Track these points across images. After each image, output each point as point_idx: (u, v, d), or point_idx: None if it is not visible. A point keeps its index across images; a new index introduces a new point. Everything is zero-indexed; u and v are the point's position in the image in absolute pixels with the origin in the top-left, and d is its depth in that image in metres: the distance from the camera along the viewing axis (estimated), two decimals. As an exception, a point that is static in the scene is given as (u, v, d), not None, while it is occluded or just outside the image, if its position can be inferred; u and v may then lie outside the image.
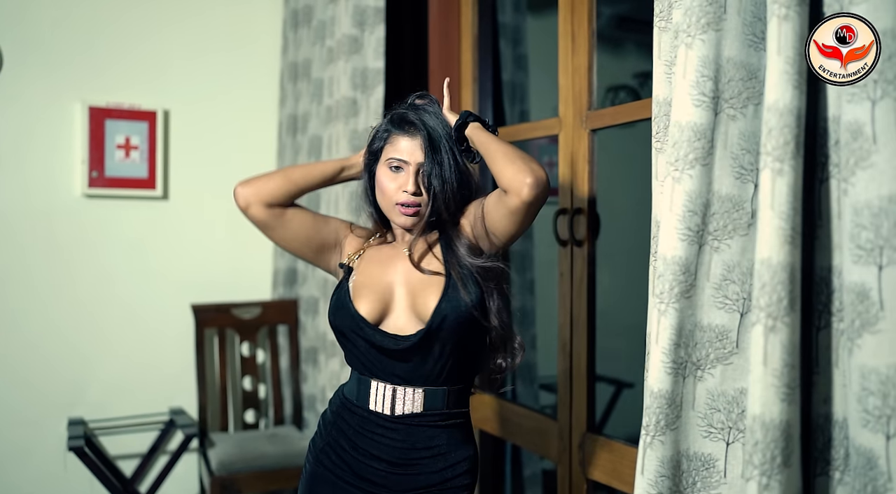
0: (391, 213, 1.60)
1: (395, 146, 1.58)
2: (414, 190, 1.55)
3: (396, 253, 1.64)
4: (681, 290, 1.27)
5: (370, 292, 1.59)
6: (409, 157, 1.56)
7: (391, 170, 1.57)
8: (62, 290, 3.07)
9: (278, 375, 3.33)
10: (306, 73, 3.13)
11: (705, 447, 1.30)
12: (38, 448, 3.03)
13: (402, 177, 1.57)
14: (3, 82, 2.94)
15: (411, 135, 1.57)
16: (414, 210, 1.56)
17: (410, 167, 1.56)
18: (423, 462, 1.54)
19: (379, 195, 1.61)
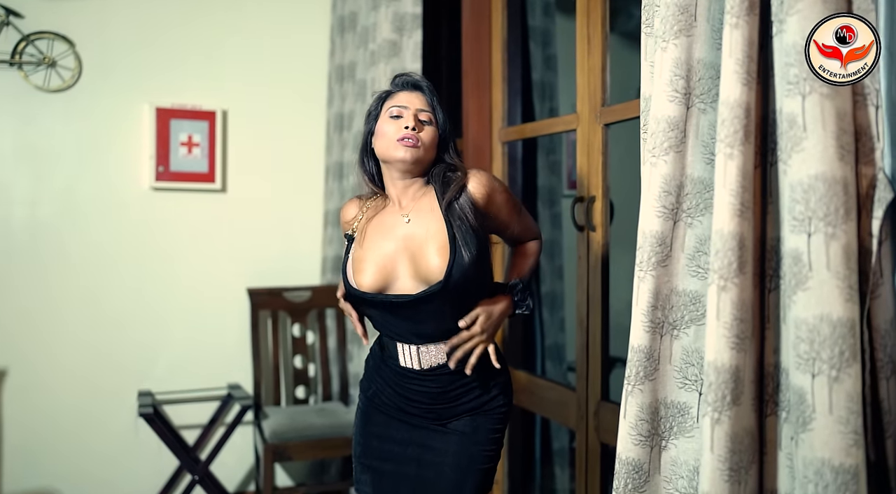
0: (391, 151, 1.70)
1: (395, 98, 1.75)
2: (413, 125, 1.69)
3: (395, 220, 1.74)
4: (657, 260, 1.48)
5: (371, 264, 1.69)
6: (408, 104, 1.72)
7: (391, 118, 1.72)
8: (133, 275, 3.38)
9: (326, 355, 3.59)
10: (351, 74, 3.39)
11: (681, 396, 1.50)
12: (114, 416, 3.35)
13: (402, 120, 1.71)
14: (82, 87, 3.27)
15: (411, 91, 1.76)
16: (413, 143, 1.68)
17: (409, 110, 1.71)
18: (459, 396, 1.76)
19: (379, 144, 1.73)
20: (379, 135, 1.73)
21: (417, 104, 1.73)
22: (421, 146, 1.70)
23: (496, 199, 1.77)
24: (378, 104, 1.79)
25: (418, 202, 1.75)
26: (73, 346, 3.28)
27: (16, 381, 3.19)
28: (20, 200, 3.21)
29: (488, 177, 1.77)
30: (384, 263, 1.70)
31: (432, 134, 1.73)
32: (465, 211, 1.69)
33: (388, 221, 1.75)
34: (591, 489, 2.38)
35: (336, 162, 3.51)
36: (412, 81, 1.78)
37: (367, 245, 1.74)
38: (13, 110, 3.18)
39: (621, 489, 1.50)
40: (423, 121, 1.72)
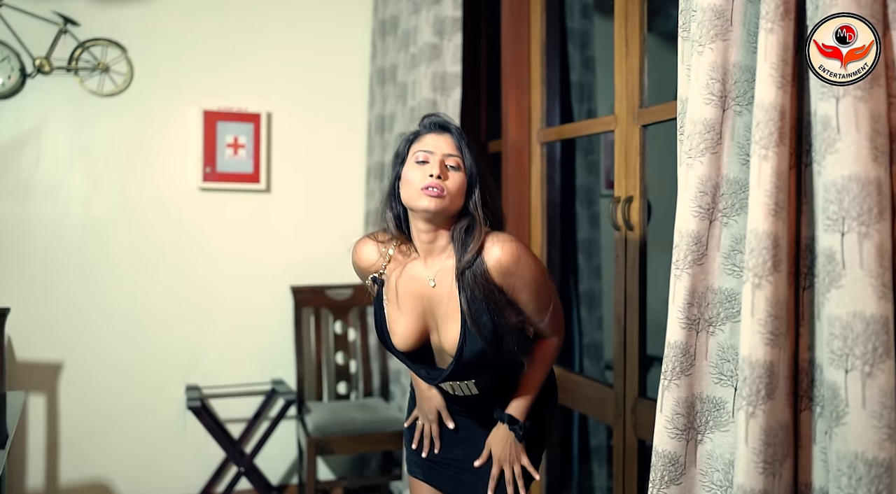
0: (415, 200, 1.61)
1: (422, 142, 1.67)
2: (438, 173, 1.61)
3: (422, 281, 1.70)
4: (693, 258, 1.52)
5: (404, 328, 1.72)
6: (434, 148, 1.65)
7: (417, 163, 1.64)
8: (181, 272, 3.49)
9: (367, 352, 3.67)
10: (392, 77, 3.46)
11: (716, 391, 1.54)
12: (163, 409, 3.47)
13: (427, 166, 1.63)
14: (134, 92, 3.39)
15: (438, 133, 1.68)
16: (438, 192, 1.60)
17: (436, 156, 1.64)
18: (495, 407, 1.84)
19: (404, 189, 1.65)
20: (404, 182, 1.65)
21: (445, 148, 1.65)
22: (447, 195, 1.61)
23: (514, 282, 1.64)
24: (405, 147, 1.71)
25: (443, 262, 1.69)
26: (125, 341, 3.41)
27: (71, 374, 3.32)
28: (75, 200, 3.34)
29: (510, 251, 1.62)
30: (416, 327, 1.74)
31: (460, 181, 1.64)
32: (478, 283, 1.62)
33: (417, 281, 1.72)
34: (628, 484, 2.42)
35: (377, 162, 3.59)
36: (440, 123, 1.71)
37: (400, 305, 1.73)
38: (70, 114, 3.31)
39: (658, 481, 1.54)
40: (450, 166, 1.64)
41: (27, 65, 3.22)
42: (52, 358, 3.29)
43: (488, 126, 3.57)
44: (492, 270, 1.62)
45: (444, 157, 1.64)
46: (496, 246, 1.62)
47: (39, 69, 3.22)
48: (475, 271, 1.62)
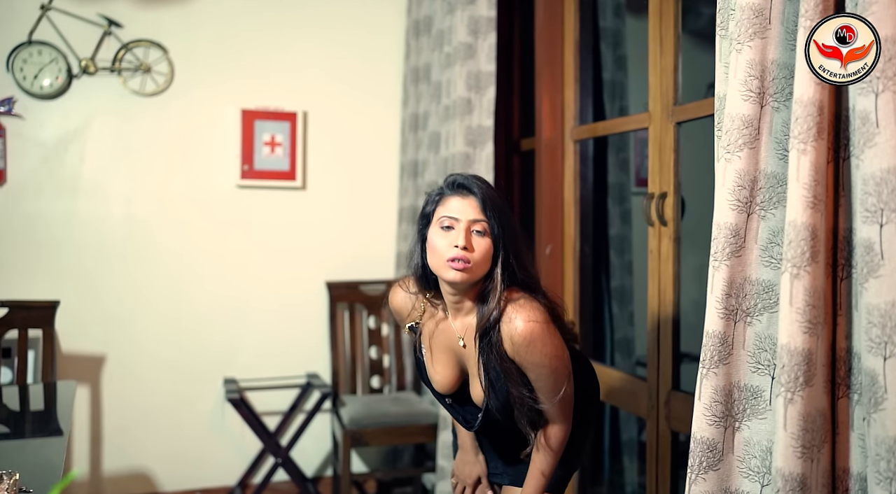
0: (441, 271, 1.62)
1: (447, 205, 1.63)
2: (464, 244, 1.58)
3: (453, 338, 1.74)
4: (731, 250, 1.56)
5: (439, 379, 1.79)
6: (459, 215, 1.61)
7: (442, 229, 1.62)
8: (219, 268, 3.58)
9: (400, 346, 3.73)
10: (426, 76, 3.52)
11: (753, 380, 1.58)
12: (201, 401, 3.55)
13: (453, 234, 1.60)
14: (174, 91, 3.48)
15: (463, 196, 1.63)
16: (463, 265, 1.58)
17: (461, 223, 1.60)
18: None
19: (430, 255, 1.65)
20: (430, 248, 1.64)
21: (470, 213, 1.61)
22: (472, 265, 1.60)
23: (524, 360, 1.65)
24: (431, 208, 1.69)
25: (471, 325, 1.71)
26: (165, 335, 3.50)
27: (114, 367, 3.42)
28: (117, 197, 3.43)
29: (525, 332, 1.61)
30: (453, 375, 1.80)
31: (486, 247, 1.62)
32: (494, 351, 1.64)
33: (448, 336, 1.75)
34: (661, 475, 2.46)
35: (411, 160, 3.65)
36: (465, 185, 1.65)
37: (435, 356, 1.79)
38: (113, 113, 3.40)
39: (696, 466, 1.58)
40: (476, 231, 1.61)
41: (73, 66, 3.32)
42: (95, 350, 3.39)
43: (521, 124, 3.62)
44: (504, 343, 1.63)
45: (469, 224, 1.61)
46: (516, 320, 1.61)
47: (85, 70, 3.32)
48: (492, 339, 1.64)
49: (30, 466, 1.63)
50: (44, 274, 3.31)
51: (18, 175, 3.28)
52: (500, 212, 1.63)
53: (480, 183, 1.66)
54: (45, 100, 3.30)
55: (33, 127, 3.30)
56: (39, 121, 3.31)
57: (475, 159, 3.07)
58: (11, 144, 3.26)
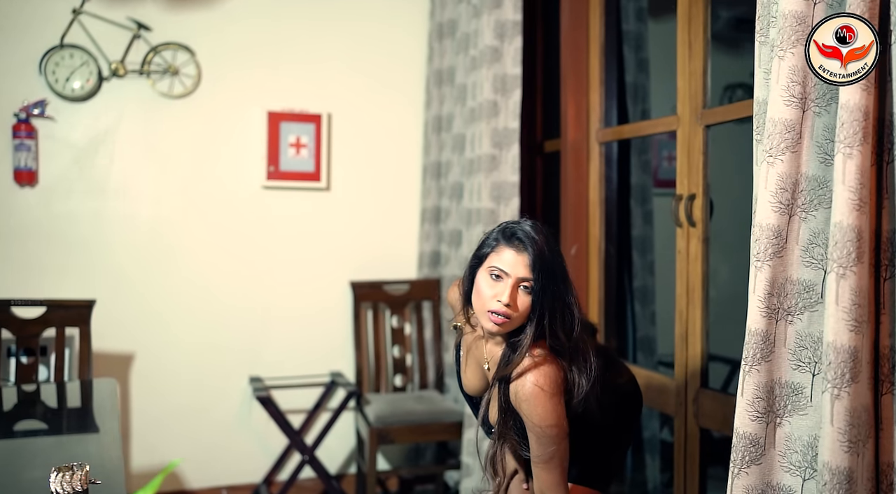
0: (481, 317, 1.70)
1: (500, 256, 1.68)
2: (507, 301, 1.64)
3: (482, 357, 1.85)
4: (773, 251, 1.61)
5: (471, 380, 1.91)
6: (510, 270, 1.66)
7: (491, 277, 1.67)
8: (244, 268, 3.63)
9: (423, 345, 3.78)
10: (450, 78, 3.57)
11: (794, 377, 1.63)
12: (227, 399, 3.60)
13: (500, 286, 1.66)
14: (202, 93, 3.52)
15: (517, 250, 1.67)
16: (503, 320, 1.65)
17: (510, 279, 1.65)
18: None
19: (475, 296, 1.71)
20: (476, 289, 1.71)
21: (520, 271, 1.66)
22: (511, 321, 1.67)
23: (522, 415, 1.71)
24: (487, 250, 1.72)
25: (497, 353, 1.79)
26: (191, 334, 3.55)
27: (141, 366, 3.47)
28: (145, 198, 3.48)
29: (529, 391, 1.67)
30: (479, 385, 1.91)
31: (528, 304, 1.67)
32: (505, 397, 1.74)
33: (480, 354, 1.86)
34: (689, 471, 2.51)
35: (434, 161, 3.70)
36: (522, 240, 1.69)
37: (470, 364, 1.91)
38: (142, 115, 3.45)
39: (738, 461, 1.63)
40: (523, 287, 1.67)
41: (103, 69, 3.37)
42: (124, 349, 3.44)
43: (543, 126, 3.67)
44: (510, 392, 1.71)
45: (517, 281, 1.66)
46: (526, 377, 1.68)
47: (115, 73, 3.37)
48: (505, 390, 1.72)
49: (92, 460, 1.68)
50: (73, 274, 3.36)
51: (50, 176, 3.33)
52: (548, 273, 1.67)
53: (537, 237, 1.68)
54: (76, 102, 3.35)
55: (64, 129, 3.35)
56: (70, 123, 3.36)
57: (501, 160, 3.12)
58: (43, 146, 3.31)
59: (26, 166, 3.25)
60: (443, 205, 3.66)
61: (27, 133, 3.23)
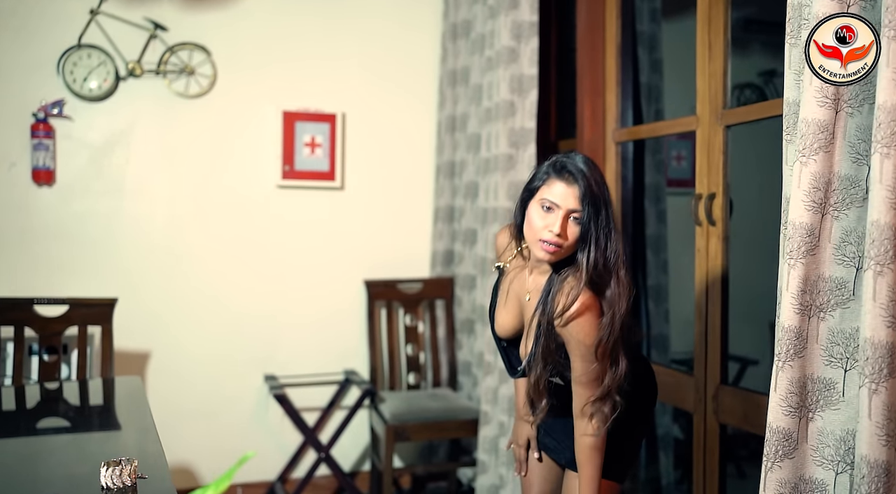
0: (533, 246, 1.78)
1: (551, 188, 1.75)
2: (559, 232, 1.72)
3: (522, 290, 1.92)
4: (806, 249, 1.64)
5: (501, 321, 1.97)
6: (560, 202, 1.73)
7: (543, 209, 1.75)
8: (260, 266, 3.65)
9: (436, 343, 3.81)
10: (464, 79, 3.59)
11: (827, 373, 1.66)
12: (243, 397, 3.63)
13: (551, 217, 1.74)
14: (217, 93, 3.55)
15: (568, 183, 1.74)
16: (554, 249, 1.74)
17: (560, 211, 1.73)
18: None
19: (527, 228, 1.79)
20: (528, 220, 1.79)
21: (570, 203, 1.73)
22: (562, 248, 1.76)
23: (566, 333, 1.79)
24: (538, 183, 1.80)
25: (541, 282, 1.87)
26: (207, 333, 3.57)
27: (157, 364, 3.49)
28: (161, 197, 3.50)
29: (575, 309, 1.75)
30: (513, 324, 1.97)
31: (577, 233, 1.75)
32: (549, 323, 1.80)
33: (521, 288, 1.93)
34: (709, 467, 2.54)
35: (447, 161, 3.72)
36: (572, 173, 1.75)
37: (506, 302, 1.98)
38: (158, 115, 3.47)
39: (772, 455, 1.66)
40: (573, 218, 1.74)
41: (120, 69, 3.39)
42: (140, 347, 3.46)
43: (558, 125, 3.70)
44: (558, 312, 1.77)
45: (568, 212, 1.74)
46: (572, 295, 1.75)
47: (131, 72, 3.39)
48: (550, 316, 1.79)
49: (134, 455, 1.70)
50: (89, 273, 3.38)
51: (67, 175, 3.35)
52: (595, 205, 1.74)
53: (586, 170, 1.75)
54: (93, 102, 3.37)
55: (82, 128, 3.37)
56: (88, 122, 3.37)
57: (518, 160, 3.15)
58: (61, 145, 3.32)
59: (44, 165, 3.26)
60: (457, 205, 3.69)
61: (45, 132, 3.25)
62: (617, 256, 1.77)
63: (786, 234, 1.76)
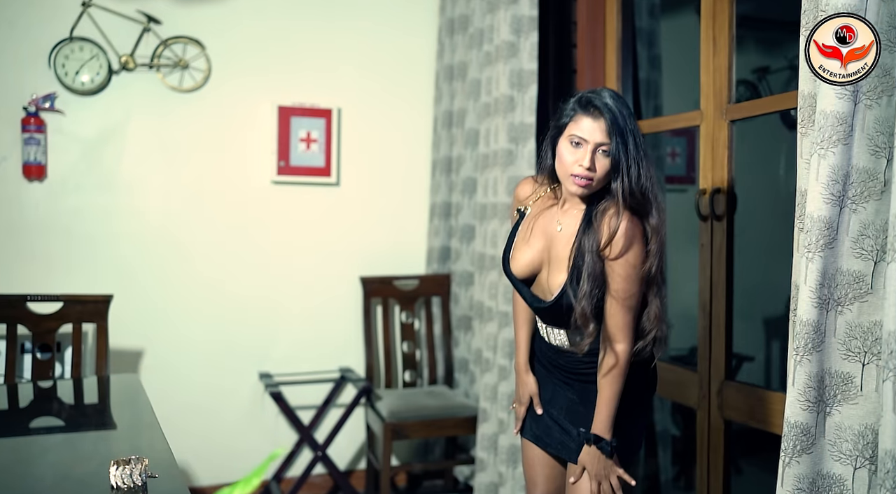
0: (565, 181, 1.84)
1: (578, 124, 1.79)
2: (589, 165, 1.78)
3: (552, 222, 1.93)
4: (825, 242, 1.63)
5: (522, 256, 1.96)
6: (588, 136, 1.78)
7: (572, 144, 1.80)
8: (254, 263, 3.60)
9: (432, 340, 3.78)
10: (461, 74, 3.57)
11: (844, 367, 1.65)
12: (237, 395, 3.58)
13: (580, 152, 1.79)
14: (212, 87, 3.49)
15: (594, 117, 1.78)
16: (586, 182, 1.80)
17: (589, 145, 1.78)
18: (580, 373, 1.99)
19: (558, 164, 1.85)
20: (559, 157, 1.84)
21: (598, 136, 1.77)
22: (593, 183, 1.81)
23: (612, 253, 1.81)
24: (566, 120, 1.83)
25: (575, 211, 1.90)
26: (200, 329, 3.52)
27: (151, 362, 3.43)
28: (155, 192, 3.44)
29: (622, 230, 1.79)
30: (533, 260, 1.97)
31: (608, 166, 1.79)
32: (593, 251, 1.81)
33: (549, 220, 1.95)
34: (713, 462, 2.53)
35: (444, 157, 3.69)
36: (598, 107, 1.78)
37: (529, 237, 1.98)
38: (152, 109, 3.42)
39: (790, 450, 1.65)
40: (602, 151, 1.78)
41: (113, 62, 3.33)
42: (133, 345, 3.40)
43: (554, 122, 3.68)
44: (602, 233, 1.80)
45: (596, 146, 1.78)
46: (621, 218, 1.79)
47: (124, 66, 3.33)
48: (592, 241, 1.81)
49: (143, 454, 1.66)
50: (81, 269, 3.32)
51: (59, 170, 3.28)
52: (623, 137, 1.76)
53: (611, 103, 1.78)
54: (86, 96, 3.31)
55: (74, 122, 3.30)
56: (80, 116, 3.31)
57: (517, 155, 3.12)
58: (52, 140, 3.26)
59: (35, 160, 3.20)
60: (454, 200, 3.66)
61: (37, 127, 3.19)
62: (652, 183, 1.81)
63: (801, 228, 1.75)
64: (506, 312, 3.09)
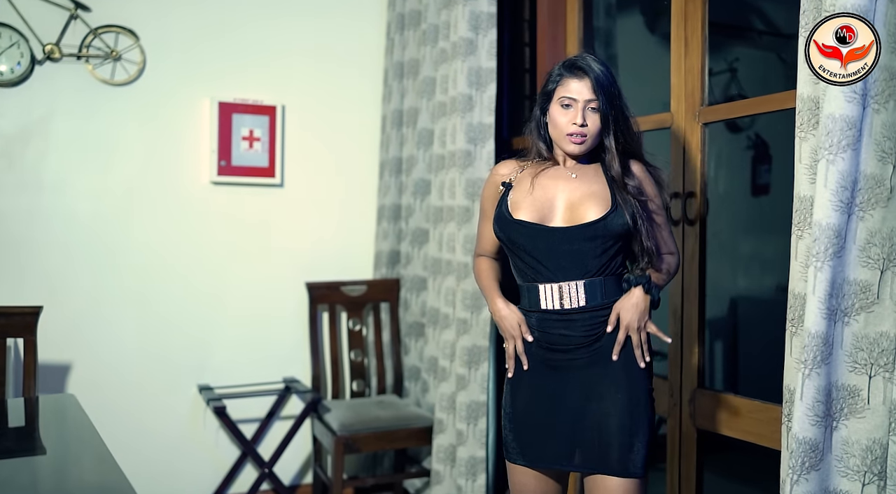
0: (562, 143, 1.92)
1: (566, 86, 1.90)
2: (581, 122, 1.87)
3: (560, 174, 1.97)
4: (833, 251, 1.57)
5: (529, 205, 1.93)
6: (577, 96, 1.87)
7: (562, 107, 1.89)
8: (193, 268, 3.38)
9: (381, 348, 3.63)
10: (413, 71, 3.43)
11: (851, 379, 1.60)
12: (175, 409, 3.35)
13: (572, 112, 1.88)
14: (146, 81, 3.25)
15: (579, 78, 1.88)
16: (581, 139, 1.89)
17: (579, 103, 1.87)
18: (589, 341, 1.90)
19: (552, 128, 1.94)
20: (552, 122, 1.93)
21: (586, 94, 1.87)
22: (588, 137, 1.90)
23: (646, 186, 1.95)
24: (553, 85, 1.93)
25: (584, 166, 1.97)
26: (135, 339, 3.28)
27: (80, 376, 3.18)
28: (84, 194, 3.19)
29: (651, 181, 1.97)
30: (542, 204, 1.93)
31: (598, 121, 1.89)
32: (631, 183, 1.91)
33: (556, 172, 1.98)
34: (686, 471, 2.48)
35: (394, 157, 3.55)
36: (582, 67, 1.89)
37: (533, 188, 1.96)
38: (80, 103, 3.16)
39: (798, 467, 1.59)
40: (591, 108, 1.88)
41: (37, 51, 3.05)
42: (61, 359, 3.13)
43: (509, 122, 3.58)
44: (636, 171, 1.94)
45: (585, 103, 1.87)
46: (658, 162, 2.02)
47: (49, 56, 3.06)
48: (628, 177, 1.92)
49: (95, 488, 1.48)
50: (2, 276, 3.03)
51: (-25, 169, 2.99)
52: (608, 92, 1.87)
53: (594, 65, 1.90)
54: (5, 87, 3.02)
55: (-9, 116, 3.02)
56: (-2, 109, 3.03)
57: (476, 156, 3.01)
58: (-32, 135, 2.97)
59: (-51, 158, 2.91)
60: (404, 203, 3.52)
61: (-50, 120, 2.90)
62: (638, 136, 1.96)
63: (800, 236, 1.69)
64: (464, 319, 2.97)
